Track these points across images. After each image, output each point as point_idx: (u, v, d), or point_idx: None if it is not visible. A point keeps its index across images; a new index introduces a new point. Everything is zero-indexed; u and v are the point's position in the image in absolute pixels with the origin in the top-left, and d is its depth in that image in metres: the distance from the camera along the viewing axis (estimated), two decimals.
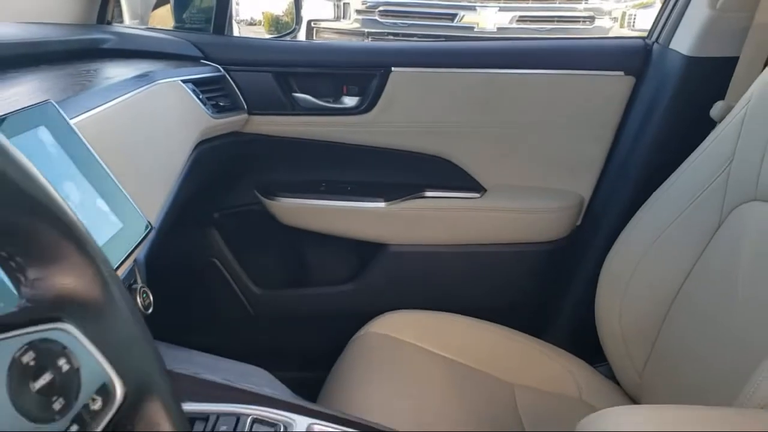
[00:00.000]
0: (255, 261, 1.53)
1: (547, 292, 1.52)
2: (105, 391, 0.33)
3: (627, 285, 1.21)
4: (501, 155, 1.47)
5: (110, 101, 0.86)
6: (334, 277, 1.54)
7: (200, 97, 1.22)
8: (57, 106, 0.69)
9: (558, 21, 3.97)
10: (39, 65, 0.93)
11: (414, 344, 1.24)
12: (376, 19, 4.07)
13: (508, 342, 1.30)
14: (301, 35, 4.06)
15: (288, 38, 1.62)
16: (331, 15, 4.17)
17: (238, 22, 1.88)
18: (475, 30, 3.95)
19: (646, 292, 1.18)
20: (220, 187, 1.47)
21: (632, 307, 1.19)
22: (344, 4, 4.12)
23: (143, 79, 1.05)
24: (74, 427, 0.32)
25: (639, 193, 1.28)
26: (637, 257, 1.20)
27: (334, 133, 1.44)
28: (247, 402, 0.67)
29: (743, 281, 1.03)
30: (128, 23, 1.47)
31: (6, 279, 0.33)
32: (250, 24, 2.14)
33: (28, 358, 0.31)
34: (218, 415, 0.65)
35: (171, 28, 1.47)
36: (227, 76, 1.34)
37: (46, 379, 0.31)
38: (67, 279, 0.33)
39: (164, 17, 1.76)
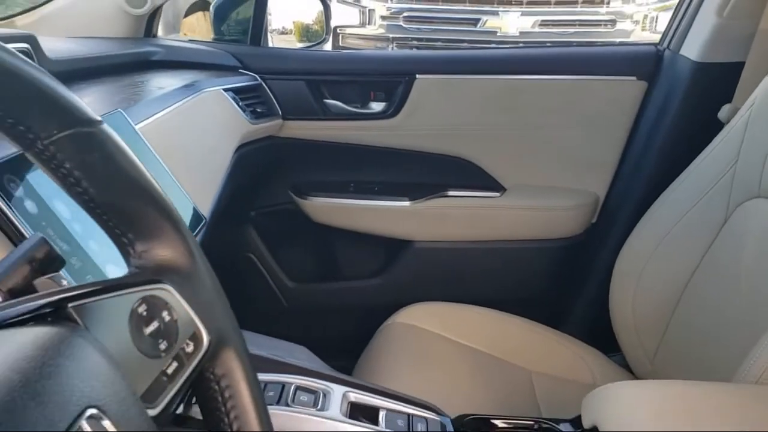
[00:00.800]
0: (289, 256, 1.63)
1: (564, 285, 1.59)
2: (195, 338, 0.43)
3: (639, 278, 1.28)
4: (520, 156, 1.55)
5: (165, 109, 0.96)
6: (363, 271, 1.63)
7: (240, 104, 1.32)
8: (125, 114, 0.79)
9: (580, 25, 4.02)
10: (101, 77, 1.04)
11: (438, 333, 1.32)
12: (400, 25, 4.16)
13: (527, 332, 1.37)
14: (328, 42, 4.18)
15: (318, 47, 1.71)
16: (356, 21, 4.27)
17: (270, 32, 1.97)
18: (498, 34, 4.02)
19: (657, 285, 1.25)
20: (256, 187, 1.56)
21: (644, 300, 1.26)
22: (369, 10, 4.21)
23: (190, 88, 1.15)
24: (174, 363, 0.41)
25: (651, 191, 1.34)
26: (649, 252, 1.27)
27: (362, 137, 1.53)
28: (291, 373, 0.76)
29: (746, 273, 1.10)
30: (161, 34, 1.57)
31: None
32: (282, 33, 2.23)
33: (142, 309, 0.40)
34: (266, 383, 0.74)
35: (211, 40, 1.58)
36: (263, 84, 1.44)
37: (154, 325, 0.41)
38: (166, 251, 0.43)
39: (193, 24, 1.87)
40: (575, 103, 1.51)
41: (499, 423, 0.88)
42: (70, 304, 0.37)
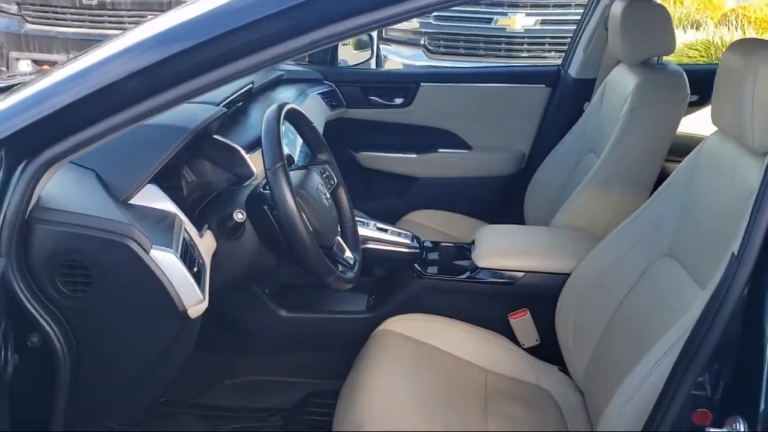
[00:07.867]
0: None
1: (505, 198, 2.72)
2: (334, 180, 1.62)
3: (534, 192, 2.42)
4: (480, 128, 2.69)
5: None
6: (390, 194, 2.80)
7: (324, 101, 2.51)
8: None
9: (572, 23, 5.04)
10: (269, 92, 2.24)
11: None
12: (431, 22, 5.27)
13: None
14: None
15: (367, 63, 2.88)
16: None
17: None
18: (507, 31, 5.10)
19: (544, 195, 2.36)
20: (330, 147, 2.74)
21: (538, 203, 2.39)
22: None
23: (303, 94, 2.35)
24: (329, 185, 1.61)
25: (551, 148, 2.47)
26: (542, 180, 2.42)
27: (390, 118, 2.70)
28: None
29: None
30: None
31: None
32: (344, 44, 3.39)
33: (323, 170, 1.59)
34: None
35: (305, 62, 2.77)
36: (336, 89, 2.62)
37: (324, 175, 1.60)
38: (325, 156, 1.63)
39: None
40: (511, 98, 2.65)
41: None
42: (309, 165, 1.57)
